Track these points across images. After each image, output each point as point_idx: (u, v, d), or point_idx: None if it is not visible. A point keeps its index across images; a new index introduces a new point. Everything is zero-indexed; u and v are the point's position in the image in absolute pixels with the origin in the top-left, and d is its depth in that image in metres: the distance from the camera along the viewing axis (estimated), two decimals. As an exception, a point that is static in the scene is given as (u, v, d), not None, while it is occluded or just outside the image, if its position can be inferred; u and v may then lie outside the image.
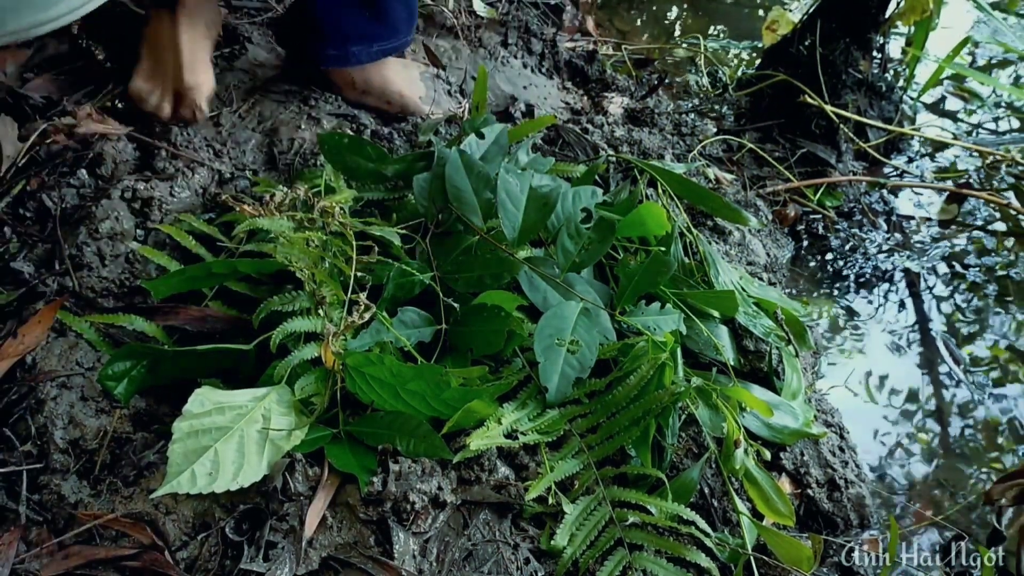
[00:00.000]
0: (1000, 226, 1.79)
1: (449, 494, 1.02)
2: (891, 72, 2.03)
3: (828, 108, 1.76)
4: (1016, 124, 2.06)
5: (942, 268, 1.69)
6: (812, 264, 1.69)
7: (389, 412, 1.04)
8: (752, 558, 1.05)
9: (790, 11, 1.97)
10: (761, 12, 2.37)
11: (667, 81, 2.00)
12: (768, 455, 1.13)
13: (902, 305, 1.63)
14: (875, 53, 1.86)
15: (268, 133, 1.50)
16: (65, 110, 1.42)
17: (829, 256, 1.70)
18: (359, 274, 1.11)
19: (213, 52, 1.51)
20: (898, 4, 1.78)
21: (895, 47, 2.19)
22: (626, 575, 1.01)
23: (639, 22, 2.34)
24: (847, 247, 1.71)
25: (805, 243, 1.71)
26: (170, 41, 1.43)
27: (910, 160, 1.92)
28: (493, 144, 1.32)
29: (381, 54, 1.53)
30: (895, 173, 1.89)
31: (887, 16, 1.79)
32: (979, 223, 1.79)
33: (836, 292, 1.64)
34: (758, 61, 2.01)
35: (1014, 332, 1.58)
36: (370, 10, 1.47)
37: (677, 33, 2.31)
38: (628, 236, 1.31)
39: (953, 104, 2.12)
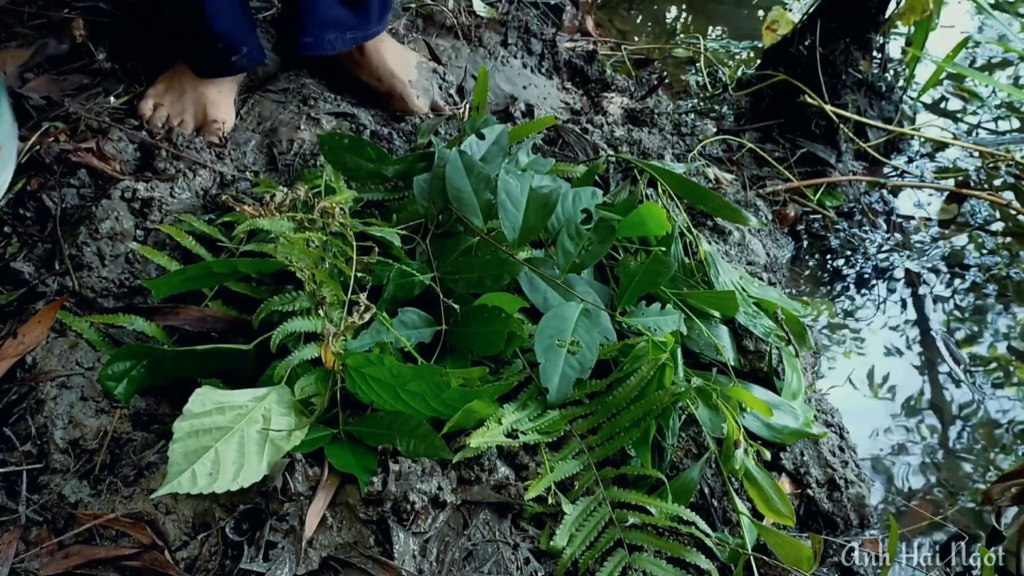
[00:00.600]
0: (1000, 226, 1.79)
1: (449, 494, 1.02)
2: (891, 72, 2.03)
3: (828, 108, 1.76)
4: (1016, 124, 2.06)
5: (942, 268, 1.69)
6: (812, 264, 1.69)
7: (389, 412, 1.04)
8: (752, 558, 1.05)
9: (790, 11, 1.96)
10: (761, 12, 2.37)
11: (667, 81, 2.00)
12: (768, 455, 1.13)
13: (902, 305, 1.63)
14: (875, 53, 1.86)
15: (268, 133, 1.51)
16: (67, 110, 1.42)
17: (829, 256, 1.70)
18: (359, 274, 1.11)
19: (238, 92, 1.54)
20: (898, 4, 1.78)
21: (895, 47, 2.19)
22: (626, 575, 1.01)
23: (639, 22, 2.34)
24: (847, 247, 1.71)
25: (805, 243, 1.71)
26: (199, 82, 1.46)
27: (910, 160, 1.92)
28: (493, 145, 1.32)
29: (353, 42, 1.55)
30: (895, 173, 1.89)
31: (887, 16, 1.79)
32: (979, 223, 1.79)
33: (836, 292, 1.64)
34: (758, 61, 2.01)
35: (1014, 332, 1.58)
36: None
37: (677, 33, 2.31)
38: (628, 236, 1.31)
39: (953, 104, 2.12)
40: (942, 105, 2.12)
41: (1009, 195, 1.83)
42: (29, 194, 1.31)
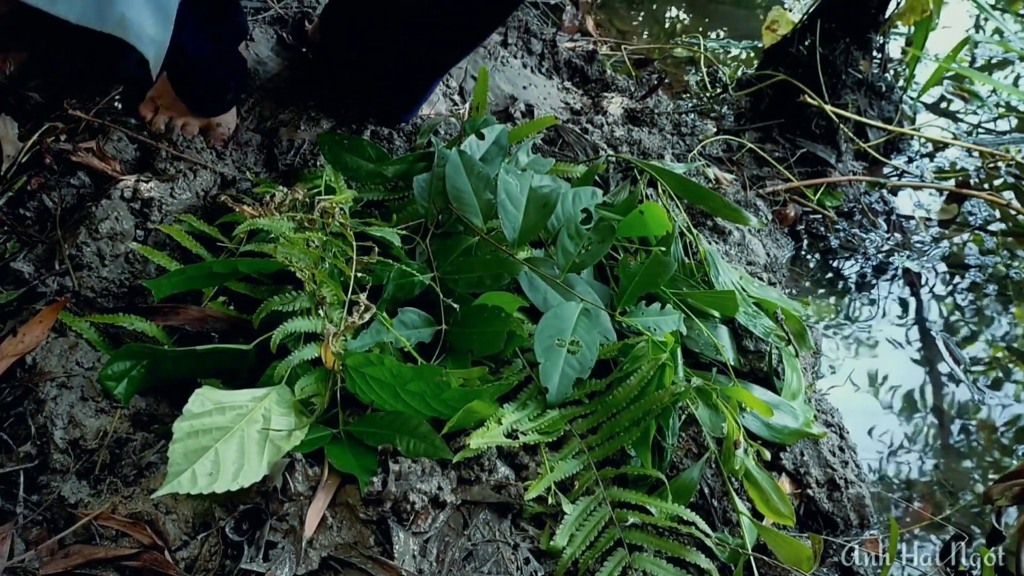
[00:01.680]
0: (1000, 226, 1.79)
1: (449, 494, 1.02)
2: (891, 72, 2.03)
3: (828, 108, 1.76)
4: (1016, 124, 2.06)
5: (942, 268, 1.69)
6: (812, 264, 1.69)
7: (389, 412, 1.04)
8: (752, 558, 1.05)
9: (790, 11, 1.97)
10: (761, 12, 2.37)
11: (667, 81, 2.00)
12: (768, 455, 1.13)
13: (902, 305, 1.63)
14: (875, 53, 1.86)
15: (268, 133, 1.50)
16: (66, 111, 1.42)
17: (829, 256, 1.70)
18: (359, 274, 1.11)
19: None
20: (898, 4, 1.78)
21: (895, 47, 2.19)
22: (626, 575, 1.01)
23: (639, 22, 2.34)
24: (847, 247, 1.71)
25: (805, 243, 1.71)
26: None
27: (910, 160, 1.92)
28: (493, 145, 1.32)
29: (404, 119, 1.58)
30: (895, 173, 1.89)
31: (887, 16, 1.79)
32: (979, 223, 1.79)
33: (836, 292, 1.64)
34: (758, 61, 2.01)
35: (1014, 332, 1.58)
36: (420, 93, 1.50)
37: (677, 33, 2.31)
38: (628, 236, 1.31)
39: (953, 104, 2.12)
40: (942, 105, 2.12)
41: (1009, 195, 1.83)
42: (29, 194, 1.31)
